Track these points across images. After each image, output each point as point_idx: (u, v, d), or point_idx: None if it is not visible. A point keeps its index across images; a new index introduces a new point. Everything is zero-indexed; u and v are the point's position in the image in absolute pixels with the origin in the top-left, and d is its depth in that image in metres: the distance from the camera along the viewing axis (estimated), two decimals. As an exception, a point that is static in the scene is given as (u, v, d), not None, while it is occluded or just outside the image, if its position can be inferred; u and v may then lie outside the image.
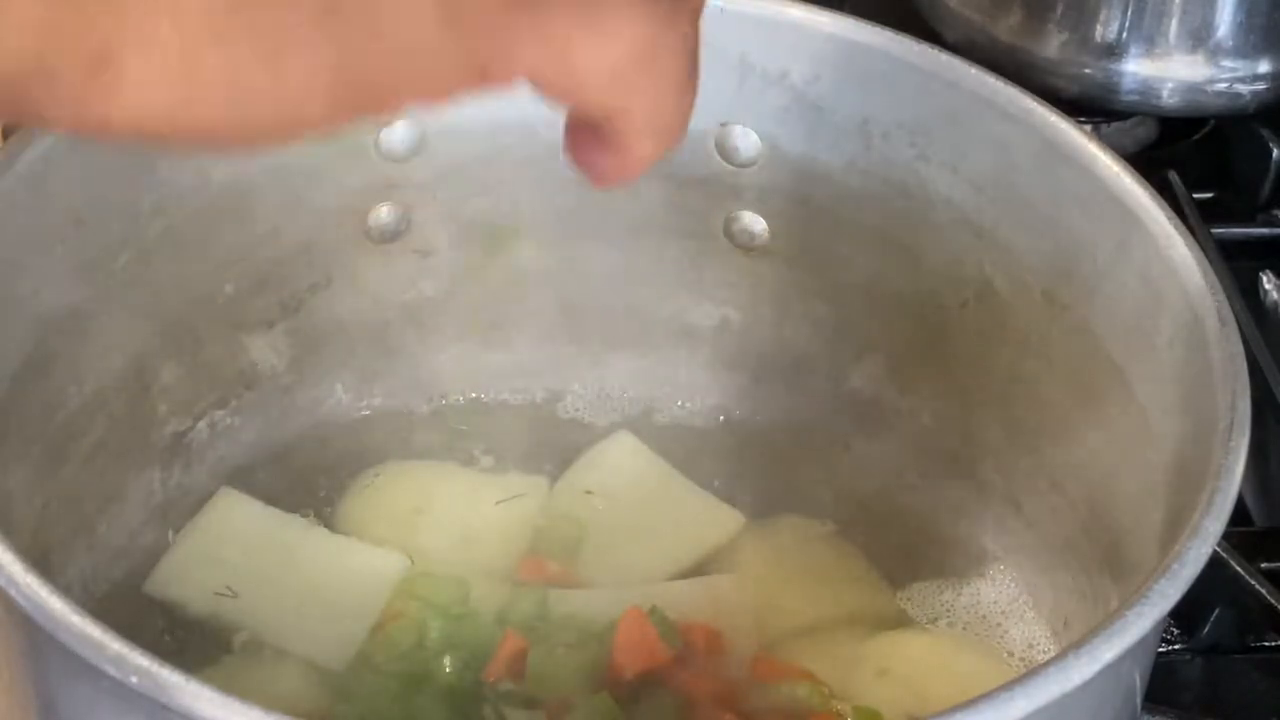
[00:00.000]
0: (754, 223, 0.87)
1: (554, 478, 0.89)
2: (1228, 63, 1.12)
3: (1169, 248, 0.71)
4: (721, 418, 0.93)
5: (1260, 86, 1.13)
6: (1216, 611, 0.86)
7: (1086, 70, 1.13)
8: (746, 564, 0.86)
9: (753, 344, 0.91)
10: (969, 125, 0.79)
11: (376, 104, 0.46)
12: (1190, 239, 0.71)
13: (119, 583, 0.82)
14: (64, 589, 0.56)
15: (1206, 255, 0.71)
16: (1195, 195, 1.12)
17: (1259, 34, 1.12)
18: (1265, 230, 1.13)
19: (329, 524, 0.86)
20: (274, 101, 0.44)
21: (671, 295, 0.91)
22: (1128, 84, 1.13)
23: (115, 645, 0.53)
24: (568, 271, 0.90)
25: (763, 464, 0.90)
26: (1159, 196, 0.73)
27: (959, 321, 0.83)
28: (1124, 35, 1.12)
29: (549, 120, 0.84)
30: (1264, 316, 1.04)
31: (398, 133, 0.84)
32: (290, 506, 0.86)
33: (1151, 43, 1.12)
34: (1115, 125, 1.17)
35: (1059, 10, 1.14)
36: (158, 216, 0.78)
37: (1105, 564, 0.76)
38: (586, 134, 0.52)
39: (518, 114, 0.85)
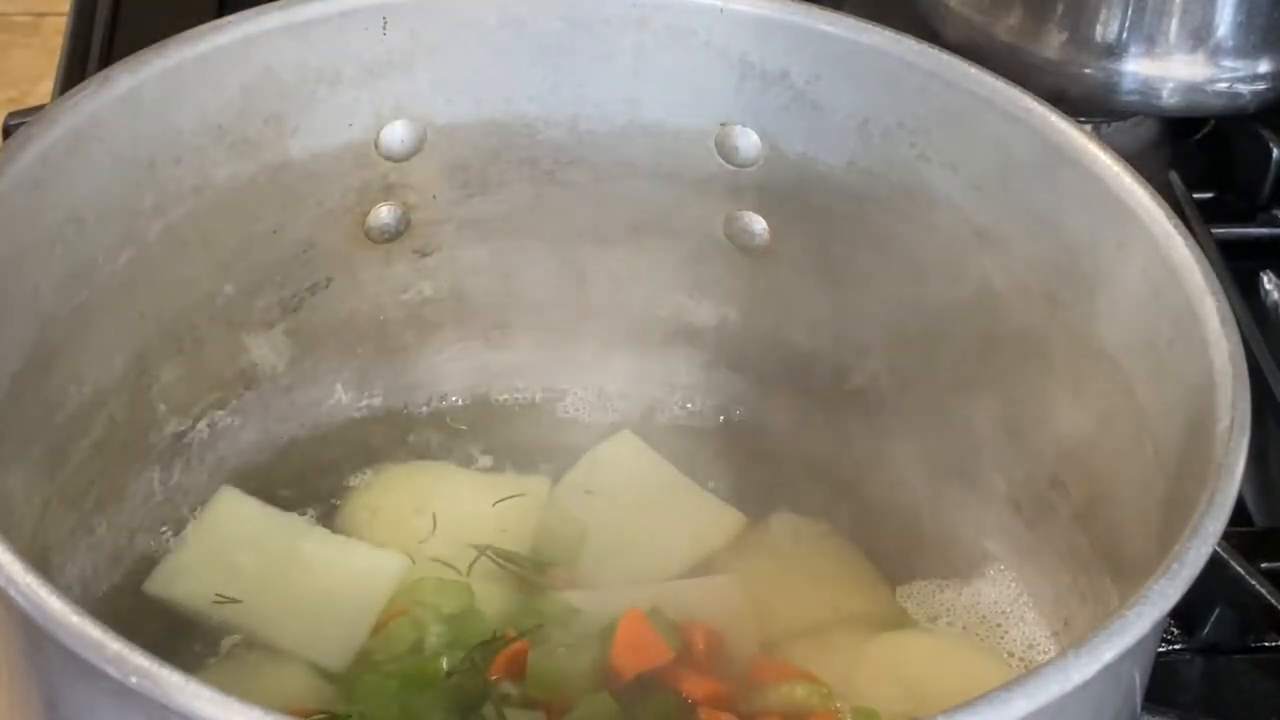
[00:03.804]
0: (754, 223, 0.87)
1: (554, 478, 0.89)
2: (1228, 63, 1.12)
3: (1169, 248, 0.71)
4: (721, 418, 0.93)
5: (1260, 86, 1.13)
6: (1216, 611, 0.86)
7: (1086, 70, 1.13)
8: (746, 564, 0.86)
9: (753, 344, 0.91)
10: (969, 125, 0.79)
11: None
12: (1190, 239, 0.71)
13: (119, 583, 0.82)
14: (64, 589, 0.56)
15: (1206, 255, 0.71)
16: (1195, 195, 1.12)
17: (1259, 34, 1.12)
18: (1265, 230, 1.13)
19: (329, 524, 0.86)
20: None
21: (671, 295, 0.91)
22: (1128, 84, 1.13)
23: (115, 645, 0.53)
24: (567, 272, 0.90)
25: (763, 464, 0.90)
26: (1159, 196, 0.73)
27: (959, 321, 0.83)
28: (1124, 35, 1.12)
29: (549, 120, 0.86)
30: (1264, 316, 1.04)
31: (398, 133, 0.84)
32: (290, 506, 0.86)
33: (1151, 43, 1.12)
34: (1115, 125, 1.17)
35: (1059, 10, 1.14)
36: (158, 216, 0.78)
37: (1105, 564, 0.76)
38: None
39: (518, 114, 0.85)
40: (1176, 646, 0.86)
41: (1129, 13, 1.12)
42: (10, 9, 1.59)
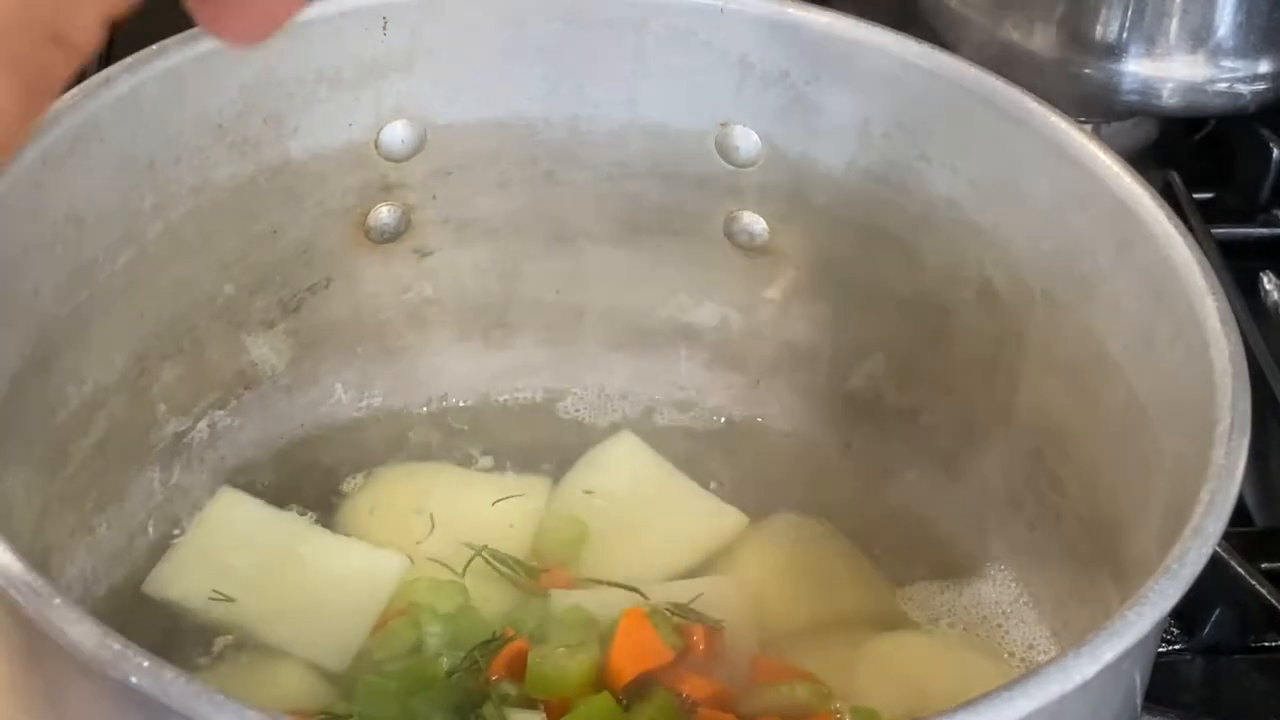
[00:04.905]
0: (754, 223, 0.87)
1: (554, 478, 0.89)
2: (1228, 63, 1.12)
3: (1169, 248, 0.71)
4: (721, 418, 0.93)
5: (1260, 86, 1.13)
6: (1217, 611, 0.86)
7: (1086, 70, 1.13)
8: (746, 564, 0.86)
9: (753, 344, 0.91)
10: (969, 125, 0.79)
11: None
12: (1190, 239, 0.71)
13: (119, 583, 0.82)
14: (64, 589, 0.56)
15: (1206, 255, 0.71)
16: (1195, 195, 1.12)
17: (1259, 34, 1.12)
18: (1265, 230, 1.13)
19: (328, 524, 0.86)
20: None
21: (671, 295, 0.91)
22: (1128, 84, 1.13)
23: (115, 645, 0.53)
24: (568, 271, 0.90)
25: (763, 464, 0.90)
26: (1159, 196, 0.73)
27: (959, 321, 0.83)
28: (1124, 35, 1.12)
29: (549, 120, 0.86)
30: (1264, 316, 1.04)
31: (398, 133, 0.84)
32: (290, 506, 0.86)
33: (1151, 43, 1.12)
34: (1115, 125, 1.17)
35: (1059, 10, 1.14)
36: (158, 216, 0.78)
37: (1105, 564, 0.76)
38: None
39: (518, 114, 0.85)
40: (1177, 646, 0.86)
41: (1129, 13, 1.12)
42: (10, 9, 1.59)
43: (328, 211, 0.85)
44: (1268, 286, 1.06)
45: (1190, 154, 1.18)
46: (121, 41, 1.16)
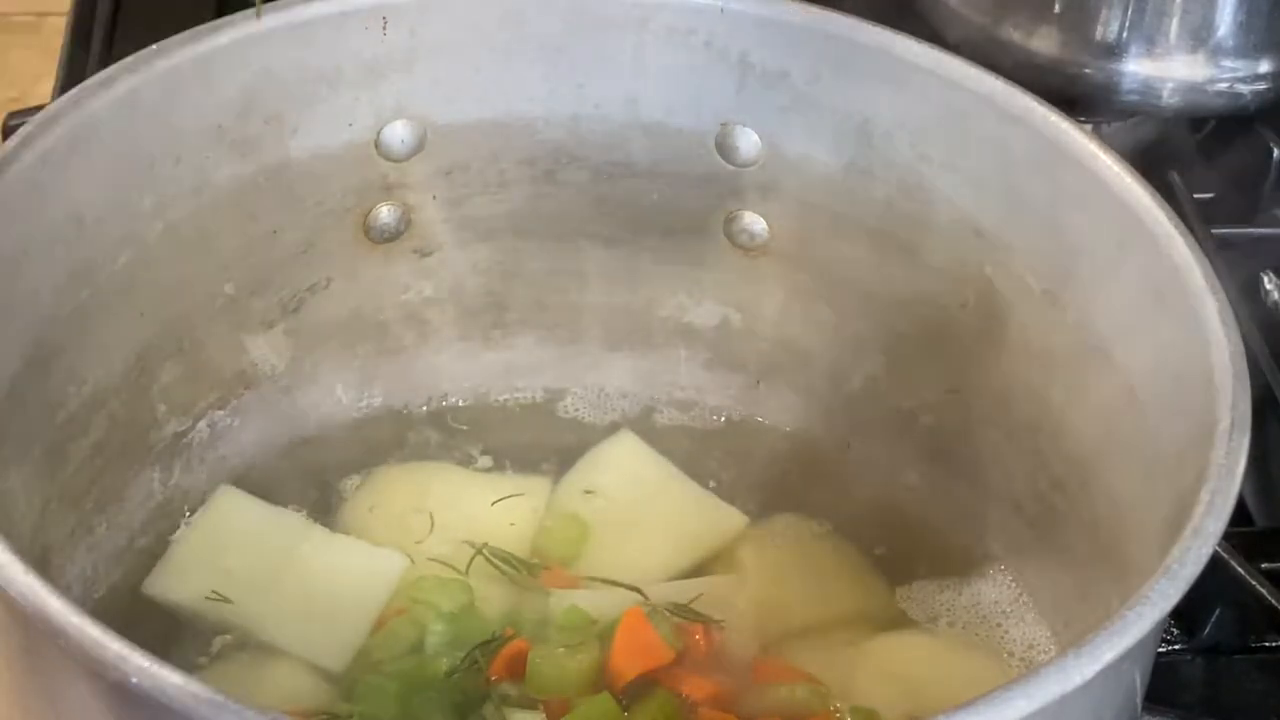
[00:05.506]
0: (754, 223, 0.87)
1: (554, 478, 0.89)
2: (1228, 63, 1.12)
3: (1169, 248, 0.71)
4: (721, 418, 0.93)
5: (1260, 86, 1.13)
6: (1217, 612, 0.86)
7: (1086, 70, 1.13)
8: (746, 564, 0.86)
9: (753, 344, 0.91)
10: (969, 125, 0.79)
11: None
12: (1190, 239, 0.71)
13: (118, 583, 0.82)
14: (64, 589, 0.56)
15: (1206, 255, 0.71)
16: (1195, 195, 1.12)
17: (1259, 34, 1.12)
18: (1265, 230, 1.13)
19: (329, 524, 0.86)
20: None
21: (671, 295, 0.91)
22: (1128, 84, 1.13)
23: (115, 645, 0.53)
24: (567, 271, 0.90)
25: (763, 464, 0.90)
26: (1159, 196, 0.73)
27: (959, 321, 0.83)
28: (1124, 35, 1.12)
29: (549, 120, 0.86)
30: (1264, 316, 1.04)
31: (398, 133, 0.84)
32: (290, 506, 0.86)
33: (1151, 43, 1.12)
34: (1115, 125, 1.17)
35: (1059, 10, 1.14)
36: (158, 216, 0.78)
37: (1105, 564, 0.76)
38: None
39: (518, 114, 0.85)
40: (1177, 647, 0.86)
41: (1129, 13, 1.12)
42: (10, 9, 1.59)
43: (328, 211, 0.85)
44: (1268, 286, 1.06)
45: (1190, 154, 1.18)
46: (121, 41, 1.17)
